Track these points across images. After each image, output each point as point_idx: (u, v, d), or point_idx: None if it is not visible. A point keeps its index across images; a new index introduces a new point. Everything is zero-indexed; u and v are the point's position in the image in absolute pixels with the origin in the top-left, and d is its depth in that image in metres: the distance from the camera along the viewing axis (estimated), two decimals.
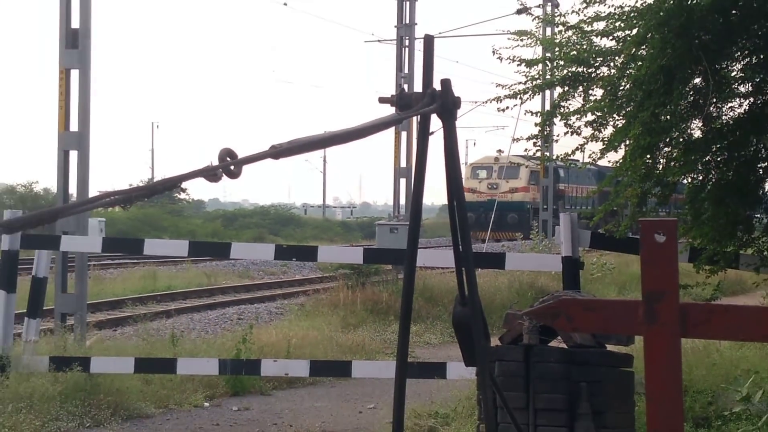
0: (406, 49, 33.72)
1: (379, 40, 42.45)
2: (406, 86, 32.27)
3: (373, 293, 22.49)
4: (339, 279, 24.97)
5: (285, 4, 47.77)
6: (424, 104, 4.03)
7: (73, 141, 16.22)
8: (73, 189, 16.40)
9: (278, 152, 3.23)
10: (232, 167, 3.10)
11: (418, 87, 4.30)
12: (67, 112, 16.26)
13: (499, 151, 63.10)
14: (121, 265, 36.61)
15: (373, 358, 16.08)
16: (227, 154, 3.10)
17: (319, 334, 17.59)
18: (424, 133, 4.34)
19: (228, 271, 35.42)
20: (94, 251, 18.20)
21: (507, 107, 11.36)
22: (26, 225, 2.75)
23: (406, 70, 33.44)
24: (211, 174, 3.07)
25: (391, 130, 30.70)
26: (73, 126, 16.26)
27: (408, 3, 33.80)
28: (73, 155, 16.29)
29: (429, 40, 4.22)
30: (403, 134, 32.99)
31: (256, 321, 20.53)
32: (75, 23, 16.30)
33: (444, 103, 4.02)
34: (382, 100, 4.31)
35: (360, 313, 21.08)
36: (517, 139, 13.29)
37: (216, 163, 3.13)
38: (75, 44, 16.25)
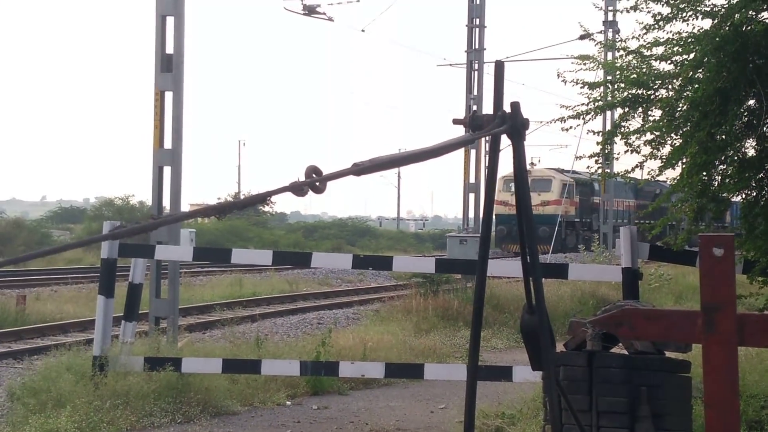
0: (476, 72, 33.71)
1: (450, 64, 42.46)
2: (475, 107, 32.27)
3: (444, 300, 22.44)
4: (412, 287, 25.01)
5: (362, 30, 48.02)
6: (494, 125, 4.01)
7: (167, 157, 16.38)
8: (166, 202, 16.54)
9: (360, 170, 3.24)
10: (317, 183, 3.11)
11: (486, 107, 4.31)
12: (161, 130, 16.43)
13: (531, 164, 59.13)
14: (210, 272, 36.88)
15: (444, 362, 16.06)
16: (313, 171, 3.12)
17: (393, 339, 17.58)
18: (494, 152, 4.34)
19: (308, 278, 35.55)
20: (185, 260, 18.33)
21: (570, 127, 11.30)
22: (131, 233, 2.79)
23: (476, 92, 33.43)
24: (298, 189, 3.09)
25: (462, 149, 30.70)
26: (167, 144, 16.42)
27: (477, 30, 33.79)
28: (167, 171, 16.44)
29: (500, 66, 4.21)
30: (472, 152, 32.95)
31: (334, 325, 20.57)
32: (169, 49, 16.47)
33: (513, 124, 4.00)
34: (456, 122, 4.31)
35: (431, 319, 21.04)
36: (580, 157, 13.24)
37: (302, 179, 3.15)
38: (169, 68, 16.42)
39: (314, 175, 3.11)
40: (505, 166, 45.66)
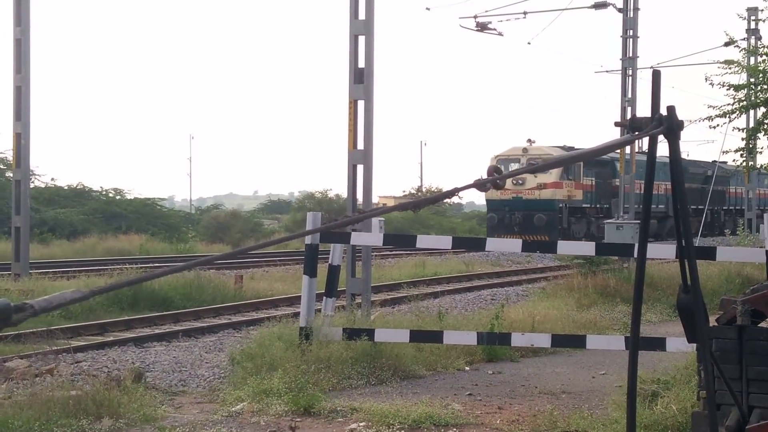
0: (630, 77, 33.09)
1: (607, 71, 41.70)
2: (629, 109, 31.70)
3: (603, 279, 22.11)
4: (574, 267, 24.75)
5: (528, 43, 47.75)
6: (652, 127, 3.94)
7: (360, 157, 16.60)
8: (359, 195, 16.75)
9: (535, 168, 3.25)
10: (498, 181, 3.13)
11: (639, 109, 4.23)
12: (354, 134, 16.65)
13: (529, 140, 44.82)
14: (397, 255, 37.20)
15: (603, 333, 15.80)
16: (495, 170, 3.14)
17: (558, 313, 17.43)
18: (652, 151, 4.27)
19: (482, 260, 35.49)
20: (376, 245, 18.48)
21: (717, 125, 11.03)
22: (341, 226, 2.86)
23: (630, 95, 32.82)
24: (481, 186, 3.11)
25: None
26: (360, 145, 16.63)
27: (630, 40, 33.17)
28: (360, 168, 16.66)
29: (656, 74, 4.13)
30: (627, 149, 32.38)
31: (506, 301, 20.46)
32: (361, 63, 16.68)
33: (670, 125, 3.92)
34: (617, 124, 4.25)
35: (591, 296, 20.76)
36: (726, 151, 12.89)
37: (484, 176, 3.17)
38: (361, 80, 16.63)
39: (496, 174, 3.13)
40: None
